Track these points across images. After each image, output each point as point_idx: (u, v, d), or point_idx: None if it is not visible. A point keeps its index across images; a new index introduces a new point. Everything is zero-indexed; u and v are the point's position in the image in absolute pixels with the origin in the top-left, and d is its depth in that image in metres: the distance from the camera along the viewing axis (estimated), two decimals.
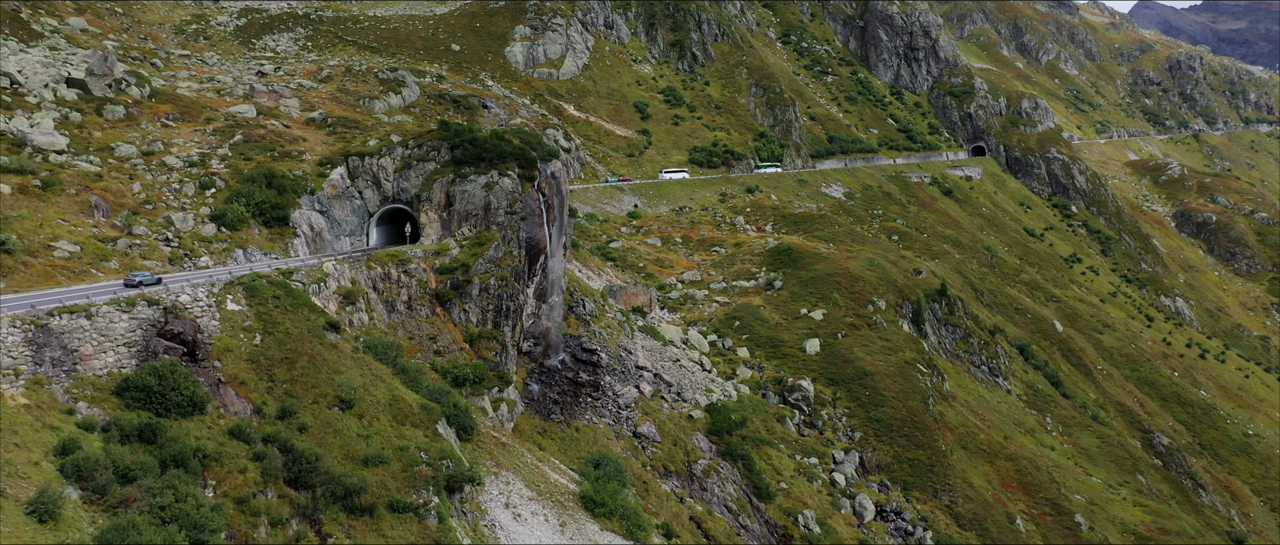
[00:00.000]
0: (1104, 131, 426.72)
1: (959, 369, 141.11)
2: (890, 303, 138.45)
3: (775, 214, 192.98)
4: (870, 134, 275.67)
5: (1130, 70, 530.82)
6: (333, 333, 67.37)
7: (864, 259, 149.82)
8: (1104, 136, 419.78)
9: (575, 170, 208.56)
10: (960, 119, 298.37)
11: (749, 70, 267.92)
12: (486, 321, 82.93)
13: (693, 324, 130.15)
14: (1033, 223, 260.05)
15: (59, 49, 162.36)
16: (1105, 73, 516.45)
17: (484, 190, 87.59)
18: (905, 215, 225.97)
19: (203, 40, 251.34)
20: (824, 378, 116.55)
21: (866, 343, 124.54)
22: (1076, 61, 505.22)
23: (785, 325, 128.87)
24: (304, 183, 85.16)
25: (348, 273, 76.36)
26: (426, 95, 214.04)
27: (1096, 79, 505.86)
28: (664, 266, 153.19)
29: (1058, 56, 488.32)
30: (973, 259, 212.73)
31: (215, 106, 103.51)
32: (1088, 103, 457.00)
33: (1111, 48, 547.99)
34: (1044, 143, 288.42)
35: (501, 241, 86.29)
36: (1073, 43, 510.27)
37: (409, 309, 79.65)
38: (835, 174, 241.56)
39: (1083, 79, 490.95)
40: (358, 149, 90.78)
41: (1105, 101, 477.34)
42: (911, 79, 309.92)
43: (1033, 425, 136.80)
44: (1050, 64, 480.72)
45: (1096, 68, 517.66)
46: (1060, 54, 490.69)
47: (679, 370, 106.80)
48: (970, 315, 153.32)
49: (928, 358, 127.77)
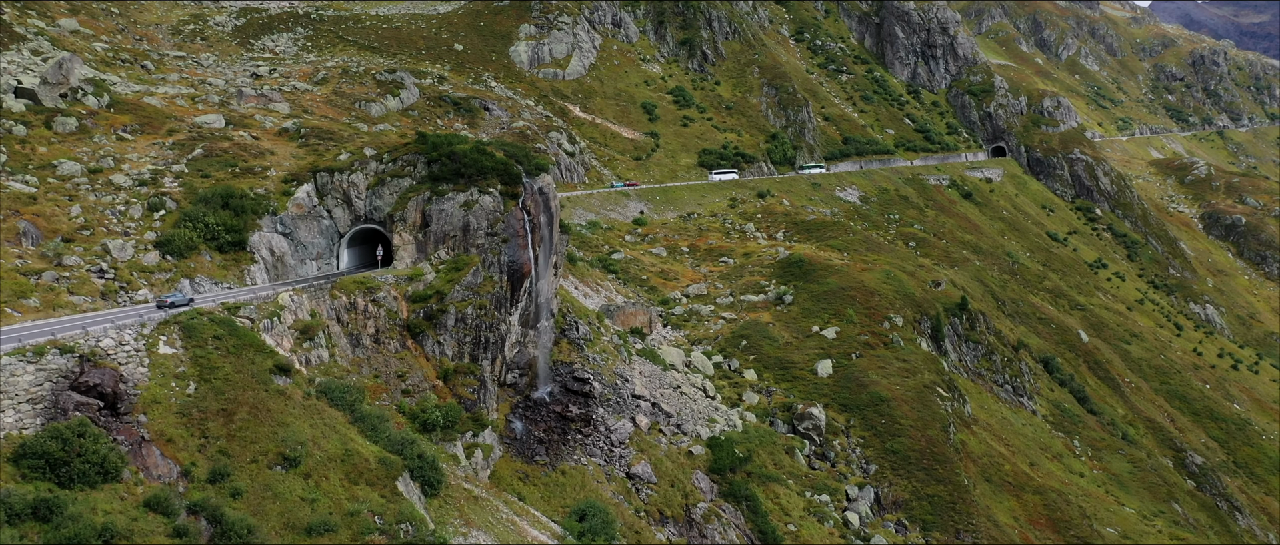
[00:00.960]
0: (1126, 128, 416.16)
1: (981, 389, 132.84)
2: (908, 318, 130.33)
3: (787, 220, 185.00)
4: (886, 135, 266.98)
5: (1152, 65, 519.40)
6: (281, 377, 60.03)
7: (880, 271, 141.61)
8: (1126, 134, 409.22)
9: (579, 174, 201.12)
10: (980, 118, 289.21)
11: (761, 69, 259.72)
12: (463, 355, 75.51)
13: (697, 343, 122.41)
14: (1056, 226, 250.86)
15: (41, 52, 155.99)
16: (1126, 68, 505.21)
17: (463, 209, 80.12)
18: (923, 220, 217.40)
19: (200, 41, 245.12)
20: (836, 404, 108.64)
21: (882, 364, 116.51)
22: (1097, 57, 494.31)
23: (795, 345, 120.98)
24: (266, 202, 77.92)
25: (307, 304, 69.04)
26: (426, 97, 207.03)
27: (1117, 74, 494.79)
28: (668, 279, 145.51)
29: (1078, 52, 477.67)
30: (994, 266, 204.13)
31: (182, 116, 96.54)
32: (1109, 99, 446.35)
33: (1133, 42, 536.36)
34: (1067, 143, 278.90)
35: (481, 266, 78.82)
36: (1093, 38, 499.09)
37: (376, 343, 72.30)
38: (850, 177, 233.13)
39: (1103, 75, 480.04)
40: (327, 164, 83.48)
41: (1127, 98, 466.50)
42: (929, 77, 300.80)
43: (1060, 450, 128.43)
44: (1070, 60, 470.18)
45: (1117, 63, 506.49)
46: (1080, 49, 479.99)
47: (680, 398, 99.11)
48: (992, 330, 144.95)
49: (948, 379, 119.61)
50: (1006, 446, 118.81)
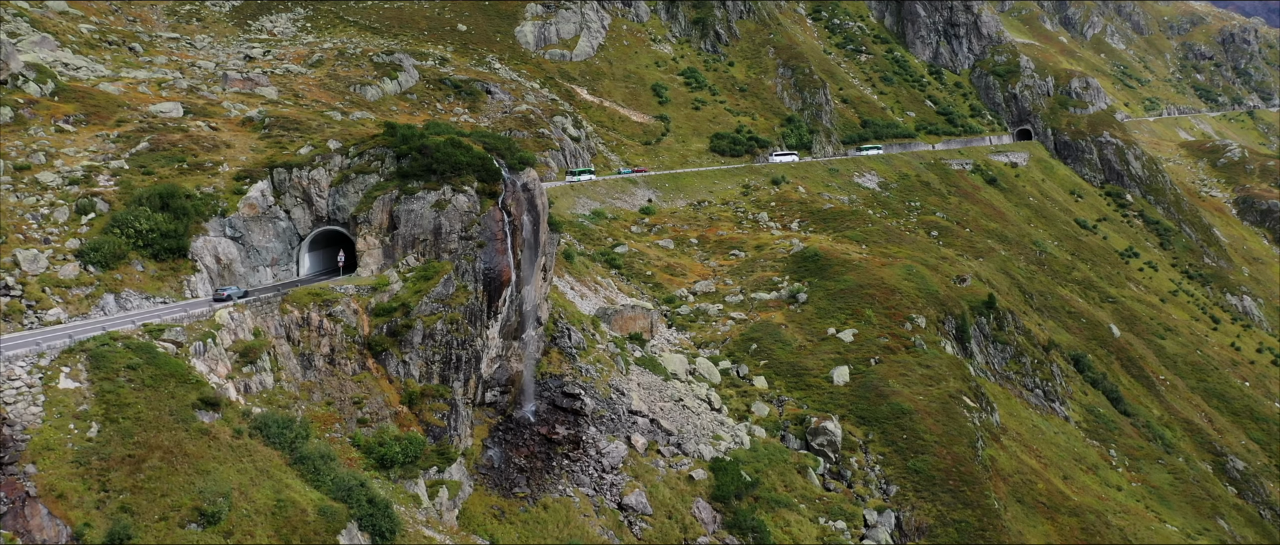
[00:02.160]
0: (1153, 109, 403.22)
1: (1010, 394, 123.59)
2: (931, 319, 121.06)
3: (802, 209, 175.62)
4: (907, 117, 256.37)
5: (1180, 44, 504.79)
6: (208, 412, 51.73)
7: (901, 266, 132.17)
8: (1153, 114, 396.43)
9: (585, 160, 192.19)
10: (1004, 100, 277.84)
11: (776, 50, 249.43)
12: (432, 375, 67.09)
13: (704, 346, 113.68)
14: (1084, 213, 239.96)
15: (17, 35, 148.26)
16: (1154, 47, 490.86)
17: (434, 210, 71.52)
18: (945, 207, 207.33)
19: (196, 22, 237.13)
20: (854, 416, 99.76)
21: (904, 370, 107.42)
22: (1123, 35, 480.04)
23: (810, 348, 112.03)
24: (214, 202, 69.58)
25: (249, 321, 60.70)
26: (425, 80, 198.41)
27: (1145, 53, 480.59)
28: (675, 274, 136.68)
29: (1104, 30, 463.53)
30: (1020, 255, 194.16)
31: (136, 105, 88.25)
32: (1136, 79, 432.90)
33: (1160, 20, 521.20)
34: (1096, 125, 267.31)
35: (454, 273, 70.25)
36: (1119, 16, 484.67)
37: (331, 364, 63.94)
38: (869, 162, 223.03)
39: (1130, 54, 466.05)
40: (285, 159, 74.96)
41: (1154, 77, 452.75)
42: (951, 57, 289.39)
43: (1096, 460, 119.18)
44: (1096, 38, 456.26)
45: (1145, 42, 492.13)
46: (1106, 27, 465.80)
47: (681, 413, 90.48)
48: (1022, 330, 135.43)
49: (974, 385, 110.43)
50: (1038, 459, 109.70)
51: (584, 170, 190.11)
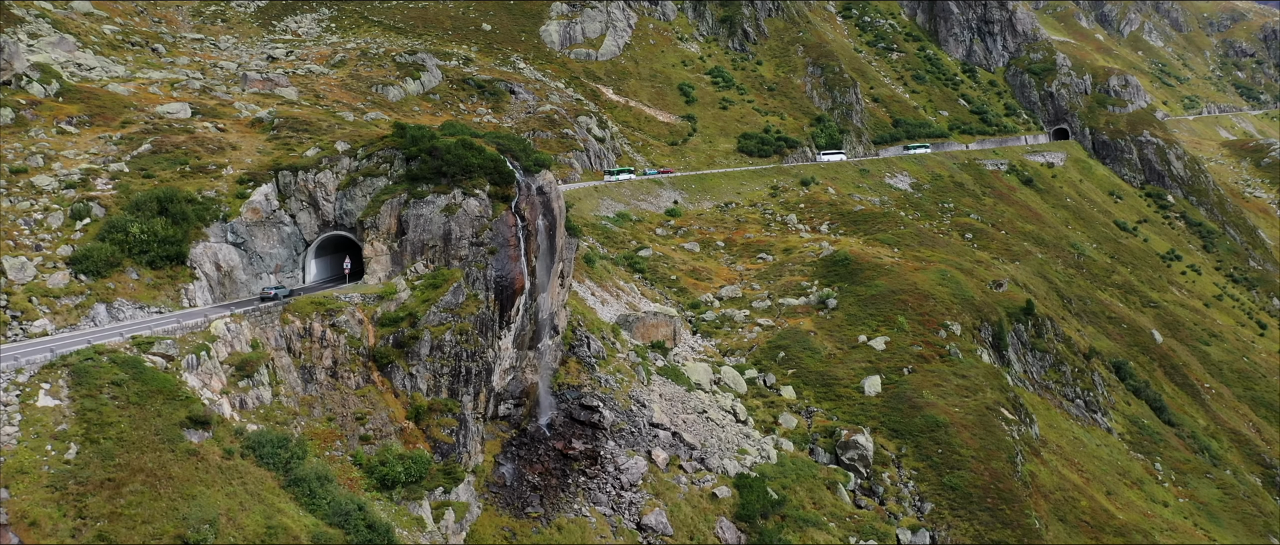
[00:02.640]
0: (1192, 107, 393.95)
1: (1049, 404, 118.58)
2: (966, 326, 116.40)
3: (832, 211, 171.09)
4: (940, 116, 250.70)
5: (1220, 41, 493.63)
6: (197, 431, 48.64)
7: (934, 271, 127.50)
8: (1192, 113, 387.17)
9: (610, 161, 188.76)
10: (1040, 99, 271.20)
11: (805, 48, 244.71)
12: (439, 388, 63.73)
13: (729, 354, 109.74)
14: (1124, 215, 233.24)
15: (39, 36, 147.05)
16: (1193, 44, 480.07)
17: (444, 215, 68.19)
18: (980, 209, 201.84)
19: (220, 22, 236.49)
20: (886, 428, 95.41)
21: (938, 380, 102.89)
22: (1162, 32, 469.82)
23: (840, 357, 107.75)
24: (215, 206, 66.67)
25: (247, 332, 57.63)
26: (449, 80, 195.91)
27: (1183, 51, 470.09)
28: (700, 279, 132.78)
29: (1141, 27, 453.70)
30: (1057, 258, 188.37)
31: (144, 105, 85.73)
32: (1174, 77, 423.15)
33: (1199, 17, 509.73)
34: (1135, 125, 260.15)
35: (464, 281, 66.87)
36: (1157, 12, 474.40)
37: (333, 377, 60.74)
38: (901, 162, 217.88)
39: (1168, 51, 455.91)
40: (291, 161, 71.96)
41: (1193, 75, 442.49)
42: (985, 55, 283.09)
43: (1140, 474, 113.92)
44: (1133, 35, 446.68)
45: (1183, 39, 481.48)
46: (1144, 25, 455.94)
47: (705, 425, 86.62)
48: (1061, 337, 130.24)
49: (1012, 396, 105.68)
50: (1080, 474, 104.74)
51: (623, 169, 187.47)
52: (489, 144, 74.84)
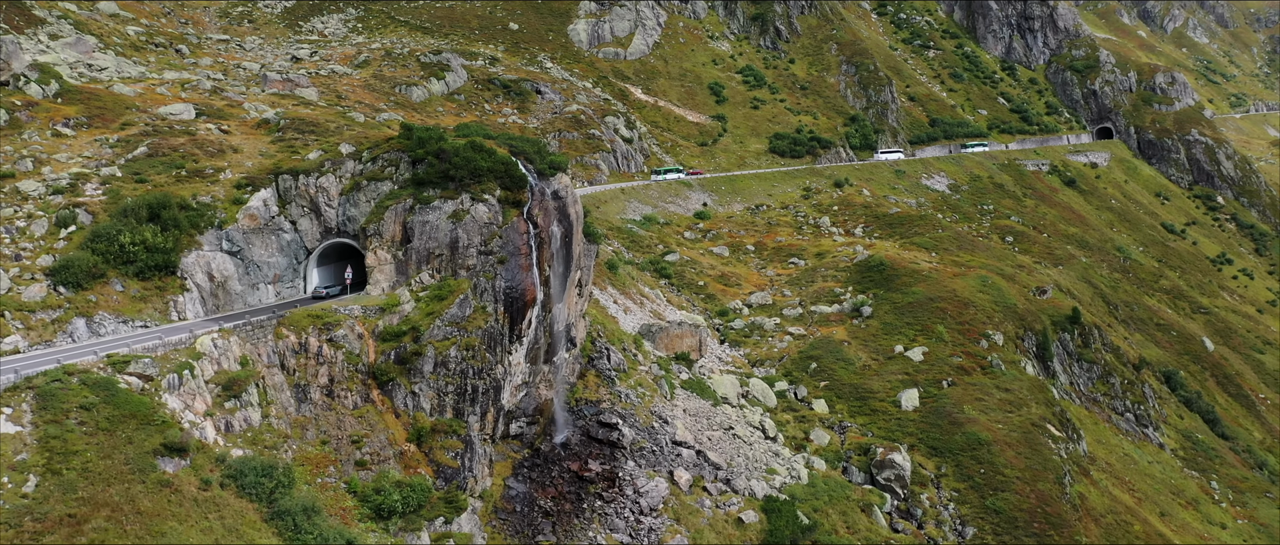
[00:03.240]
0: (1239, 105, 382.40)
1: (1097, 418, 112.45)
2: (1009, 335, 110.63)
3: (867, 213, 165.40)
4: (978, 115, 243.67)
5: (1268, 37, 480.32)
6: (171, 460, 44.73)
7: (975, 277, 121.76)
8: (1239, 111, 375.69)
9: (638, 162, 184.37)
10: (1083, 97, 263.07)
11: (839, 46, 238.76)
12: (444, 408, 59.54)
13: (759, 364, 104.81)
14: (1172, 217, 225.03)
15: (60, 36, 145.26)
16: (1239, 40, 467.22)
17: (451, 221, 63.99)
18: (1021, 211, 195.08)
19: (247, 23, 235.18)
20: (924, 446, 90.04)
21: (980, 394, 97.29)
22: (1206, 28, 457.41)
23: (875, 368, 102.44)
24: (210, 213, 62.95)
25: (236, 348, 53.73)
26: (474, 80, 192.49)
27: (1229, 47, 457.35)
28: (729, 285, 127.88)
29: (1185, 23, 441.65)
30: (1102, 262, 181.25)
31: (145, 107, 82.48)
32: (1220, 74, 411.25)
33: (1246, 13, 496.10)
34: (1182, 123, 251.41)
35: (471, 292, 62.62)
36: (1202, 9, 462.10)
37: (329, 396, 56.71)
38: (938, 163, 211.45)
39: (1213, 48, 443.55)
40: (292, 164, 68.12)
41: (1240, 72, 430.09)
42: (1025, 52, 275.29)
43: (1195, 493, 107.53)
44: (1177, 32, 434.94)
45: (1229, 35, 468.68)
46: (1188, 21, 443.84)
47: (731, 443, 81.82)
48: (1109, 347, 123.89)
49: (1059, 411, 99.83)
50: (1132, 493, 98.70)
51: (672, 168, 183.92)
52: (500, 146, 70.59)
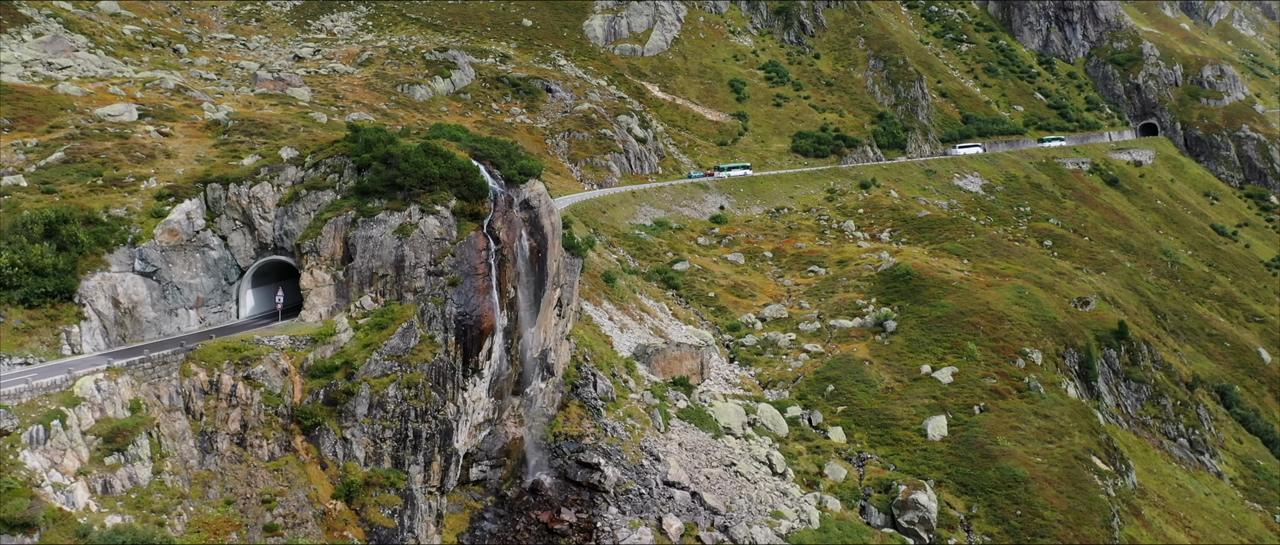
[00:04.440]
0: None
1: (1147, 444, 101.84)
2: (1048, 353, 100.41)
3: (894, 217, 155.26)
4: (1014, 112, 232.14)
5: None
6: (14, 536, 36.34)
7: (1010, 287, 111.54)
8: None
9: (652, 163, 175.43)
10: (1125, 91, 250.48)
11: (867, 40, 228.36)
12: (380, 457, 50.92)
13: (770, 386, 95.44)
14: (1222, 218, 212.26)
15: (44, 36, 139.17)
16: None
17: (396, 237, 55.37)
18: (1060, 212, 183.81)
19: (254, 22, 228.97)
20: (953, 482, 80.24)
21: (1016, 421, 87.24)
22: (1253, 20, 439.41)
23: (898, 391, 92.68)
24: (123, 228, 54.78)
25: (125, 391, 45.41)
26: (482, 78, 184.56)
27: (1277, 40, 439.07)
28: (742, 296, 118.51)
29: (1230, 15, 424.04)
30: (1148, 267, 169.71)
31: (85, 108, 74.81)
32: (1268, 67, 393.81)
33: None
34: (1232, 118, 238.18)
35: (418, 320, 53.94)
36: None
37: (240, 446, 48.25)
38: (971, 162, 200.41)
39: (1261, 41, 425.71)
40: (222, 172, 59.81)
41: None
42: (1064, 46, 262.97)
43: (1259, 529, 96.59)
44: (1222, 24, 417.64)
45: (1277, 26, 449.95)
46: (1233, 12, 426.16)
47: (733, 481, 72.57)
48: (1160, 364, 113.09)
49: (1105, 439, 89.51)
50: (1188, 531, 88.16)
51: (737, 165, 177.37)
52: (462, 149, 61.88)
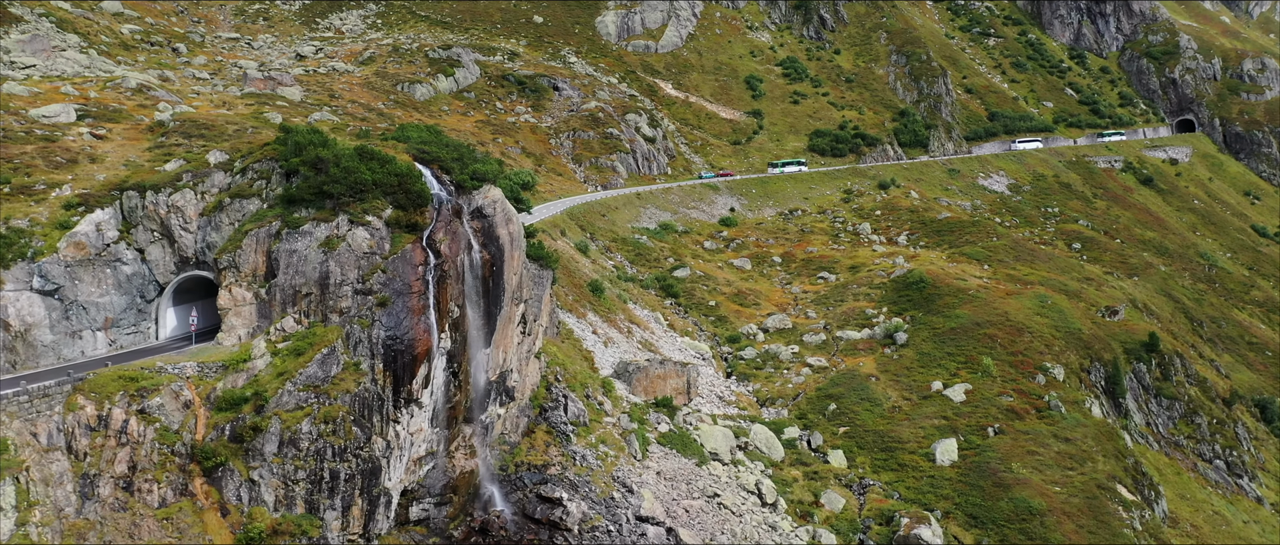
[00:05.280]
0: None
1: (1179, 467, 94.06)
2: (1071, 368, 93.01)
3: (913, 219, 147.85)
4: (1043, 108, 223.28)
5: None
6: None
7: (1031, 296, 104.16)
8: None
9: (660, 163, 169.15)
10: (1161, 86, 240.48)
11: (889, 34, 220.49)
12: (292, 501, 45.09)
13: (769, 403, 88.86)
14: (1263, 219, 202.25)
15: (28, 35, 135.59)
16: None
17: (322, 250, 49.56)
18: (1090, 213, 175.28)
19: (262, 21, 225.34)
20: (962, 513, 73.26)
21: (1034, 445, 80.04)
22: None
23: (906, 410, 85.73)
24: (22, 241, 49.39)
25: None
26: (487, 76, 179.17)
27: None
28: (746, 304, 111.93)
29: (1272, 8, 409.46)
30: (1184, 271, 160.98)
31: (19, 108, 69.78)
32: None
33: None
34: (1275, 114, 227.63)
35: (342, 344, 48.09)
36: None
37: (126, 491, 42.59)
38: (997, 160, 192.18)
39: None
40: (139, 179, 54.30)
41: None
42: (1096, 39, 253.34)
43: None
44: (1263, 17, 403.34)
45: None
46: (1276, 5, 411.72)
47: (716, 514, 66.13)
48: (1194, 378, 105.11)
49: (1132, 464, 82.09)
50: None
51: (791, 161, 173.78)
52: (406, 152, 55.97)
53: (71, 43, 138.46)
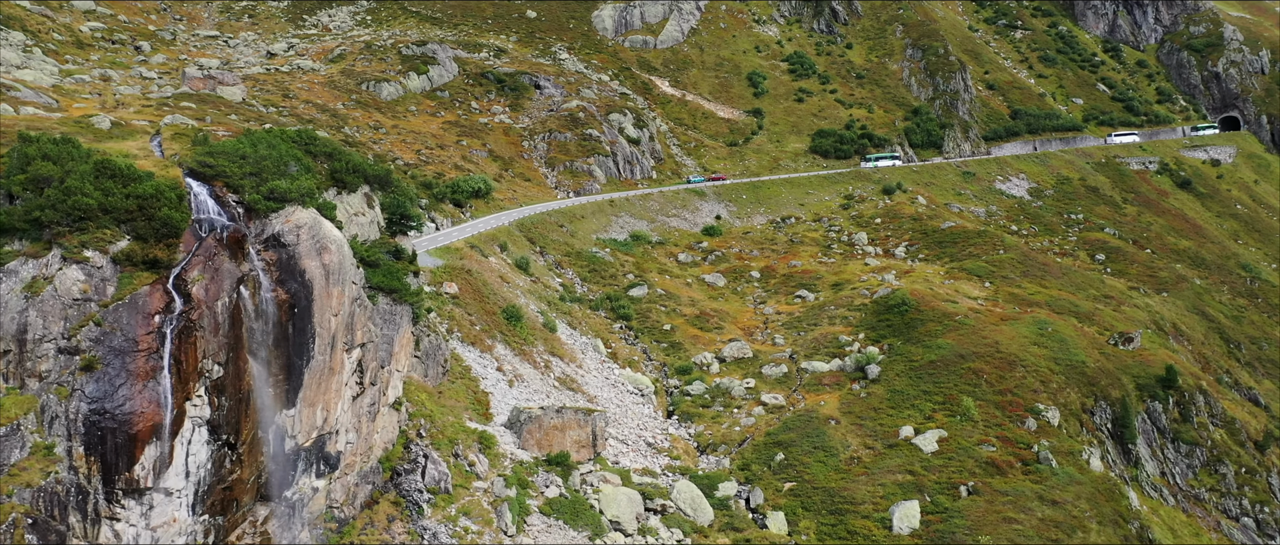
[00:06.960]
0: None
1: (1199, 526, 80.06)
2: (1069, 409, 79.57)
3: (914, 228, 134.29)
4: (1072, 105, 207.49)
5: None
6: None
7: (1029, 322, 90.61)
8: None
9: (644, 168, 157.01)
10: (1202, 81, 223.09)
11: (905, 27, 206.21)
12: None
13: (709, 450, 76.51)
14: None
15: None
16: None
17: (25, 295, 38.36)
18: (1118, 220, 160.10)
19: (247, 19, 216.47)
20: None
21: (1013, 510, 66.74)
22: None
23: (866, 462, 72.85)
24: None
25: None
26: (465, 74, 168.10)
27: None
28: (706, 329, 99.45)
29: None
30: (1222, 284, 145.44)
31: None
32: None
33: None
34: None
35: (36, 418, 36.81)
36: None
37: None
38: (1017, 162, 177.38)
39: None
40: None
41: None
42: (1132, 31, 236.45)
43: None
44: None
45: None
46: None
47: None
48: (1219, 419, 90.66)
49: (1137, 530, 68.61)
50: None
51: (883, 156, 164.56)
52: (175, 164, 44.63)
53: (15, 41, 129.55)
